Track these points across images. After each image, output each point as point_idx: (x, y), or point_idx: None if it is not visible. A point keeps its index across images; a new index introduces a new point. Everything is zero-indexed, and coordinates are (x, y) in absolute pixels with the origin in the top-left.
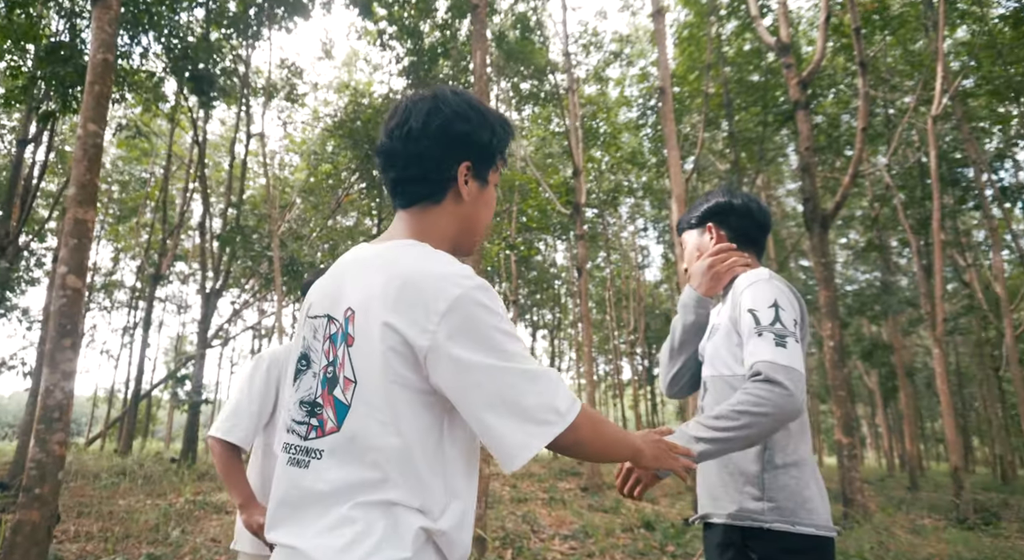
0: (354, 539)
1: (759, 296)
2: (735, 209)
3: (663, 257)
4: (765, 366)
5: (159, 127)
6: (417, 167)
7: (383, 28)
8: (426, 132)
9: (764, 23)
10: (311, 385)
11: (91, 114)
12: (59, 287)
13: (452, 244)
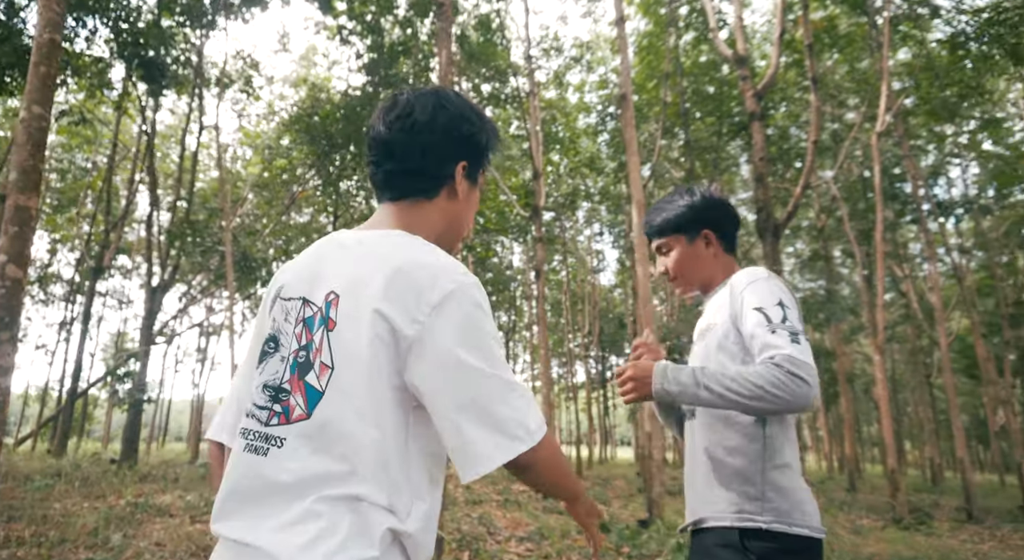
0: (317, 536)
1: (764, 294)
2: (730, 213)
3: (618, 262)
4: (785, 359)
5: (104, 114)
6: (418, 160)
7: (343, 23)
8: (432, 126)
9: (721, 36)
10: (277, 369)
11: (36, 96)
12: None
13: (438, 241)
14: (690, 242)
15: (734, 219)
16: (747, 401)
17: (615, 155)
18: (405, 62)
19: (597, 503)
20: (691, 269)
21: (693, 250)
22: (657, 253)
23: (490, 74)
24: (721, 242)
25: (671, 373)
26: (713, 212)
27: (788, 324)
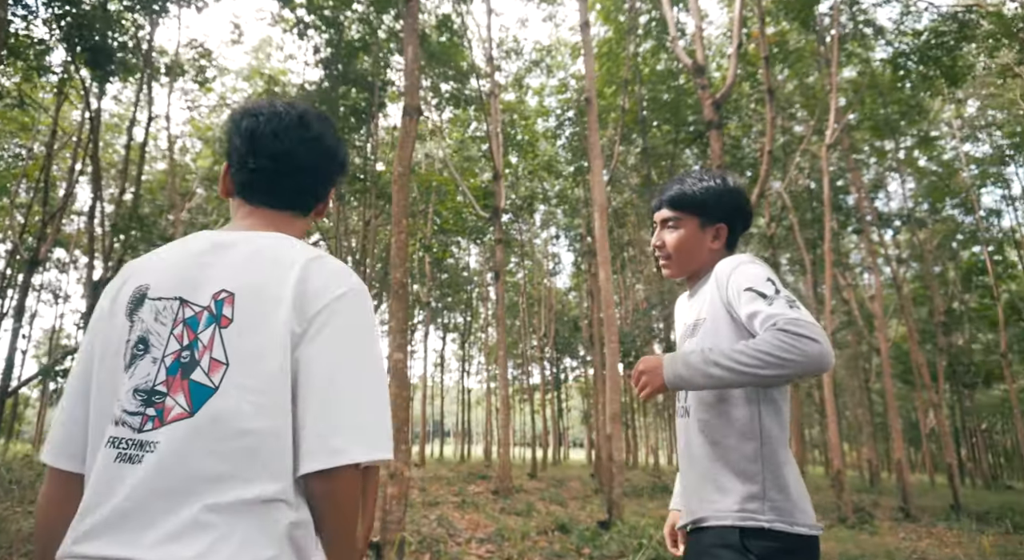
0: (210, 546)
1: (751, 275)
2: (747, 216)
3: (574, 265)
4: (789, 322)
5: (42, 100)
6: (311, 179)
7: (301, 16)
8: (334, 154)
9: (680, 45)
10: (149, 372)
11: None
12: None
13: None
14: (701, 228)
15: (747, 220)
16: (761, 371)
17: (574, 159)
18: (364, 59)
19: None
20: (690, 254)
21: (701, 237)
22: (660, 225)
23: (451, 74)
24: (728, 239)
25: (680, 358)
26: (735, 207)
27: (783, 294)
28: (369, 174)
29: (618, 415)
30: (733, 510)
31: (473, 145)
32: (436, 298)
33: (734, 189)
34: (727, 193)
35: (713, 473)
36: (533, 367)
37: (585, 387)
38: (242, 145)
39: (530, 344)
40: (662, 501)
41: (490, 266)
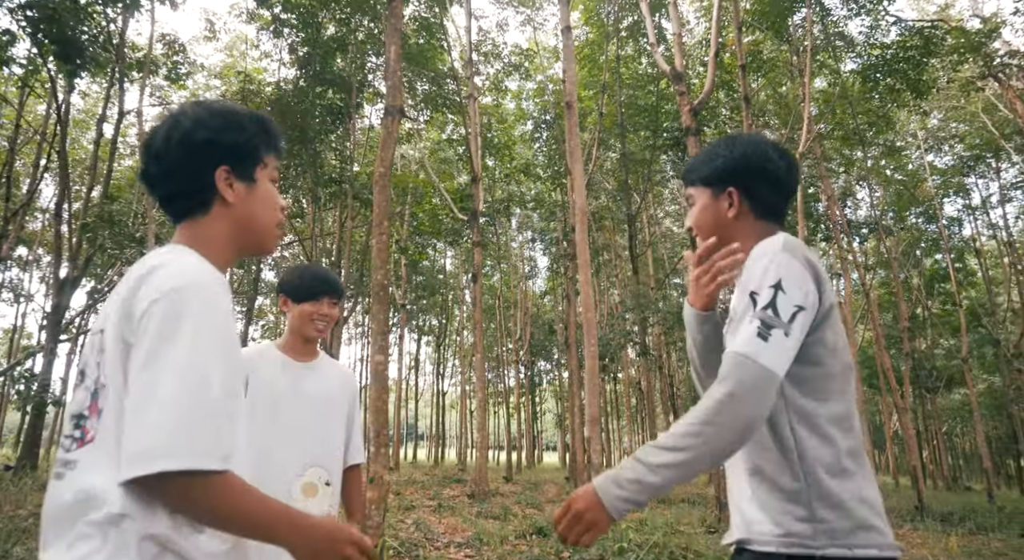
0: (87, 554)
1: (762, 273)
2: (768, 175)
3: (549, 269)
4: (728, 359)
5: (5, 92)
6: (172, 184)
7: (277, 14)
8: (168, 149)
9: (659, 50)
10: (82, 398)
11: None
12: None
13: (237, 246)
14: (714, 197)
15: (774, 180)
16: (697, 454)
17: (551, 162)
18: (341, 59)
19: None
20: (709, 230)
21: (715, 207)
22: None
23: (429, 76)
24: (749, 204)
25: (611, 479)
26: (743, 165)
27: (768, 313)
28: (345, 176)
29: (597, 418)
30: (777, 535)
31: (450, 147)
32: (411, 300)
33: (740, 143)
34: (731, 149)
35: (752, 488)
36: (508, 370)
37: (559, 390)
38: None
39: (505, 347)
40: None
41: (466, 269)
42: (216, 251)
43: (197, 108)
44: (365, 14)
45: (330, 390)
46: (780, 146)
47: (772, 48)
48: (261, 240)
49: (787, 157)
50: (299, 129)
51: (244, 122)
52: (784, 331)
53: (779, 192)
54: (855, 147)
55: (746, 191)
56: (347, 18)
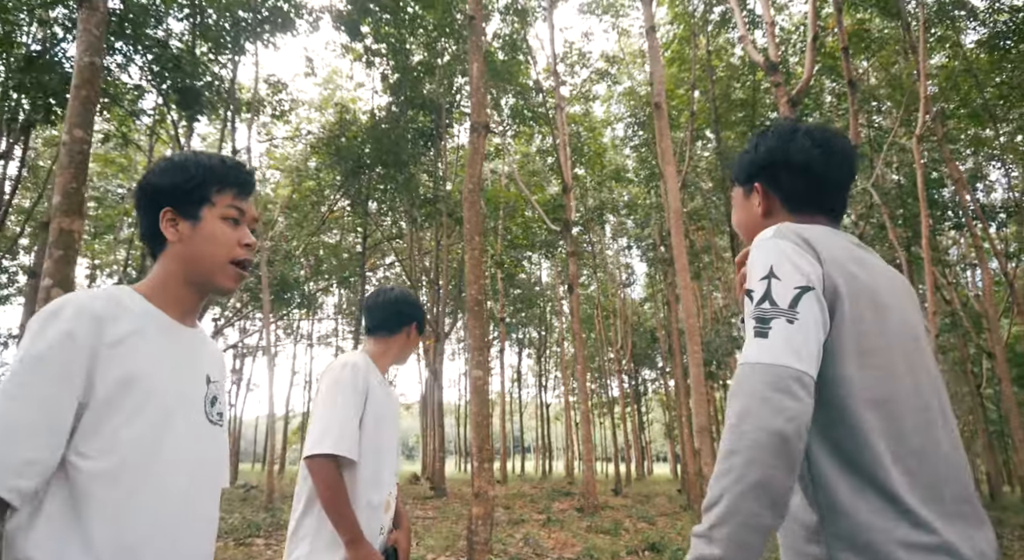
0: None
1: (753, 266)
2: (793, 162)
3: (647, 275)
4: (736, 380)
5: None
6: (142, 229)
7: (368, 45)
8: (135, 197)
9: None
10: None
11: (77, 120)
12: (43, 301)
13: (189, 282)
14: (745, 196)
15: (802, 168)
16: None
17: (644, 166)
18: (429, 82)
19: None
20: (744, 229)
21: (746, 206)
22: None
23: (515, 91)
24: (780, 199)
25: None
26: (764, 157)
27: (764, 306)
28: (439, 194)
29: (706, 428)
30: None
31: (538, 159)
32: (510, 314)
33: (767, 135)
34: (758, 142)
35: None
36: (611, 380)
37: (666, 399)
38: None
39: (607, 357)
40: None
41: (562, 280)
42: (169, 287)
43: (160, 160)
44: (449, 37)
45: (397, 409)
46: (824, 130)
47: (882, 26)
48: (210, 277)
49: (827, 142)
50: (393, 153)
51: (189, 166)
52: (786, 318)
53: (811, 181)
54: (985, 124)
55: (773, 184)
56: (433, 42)
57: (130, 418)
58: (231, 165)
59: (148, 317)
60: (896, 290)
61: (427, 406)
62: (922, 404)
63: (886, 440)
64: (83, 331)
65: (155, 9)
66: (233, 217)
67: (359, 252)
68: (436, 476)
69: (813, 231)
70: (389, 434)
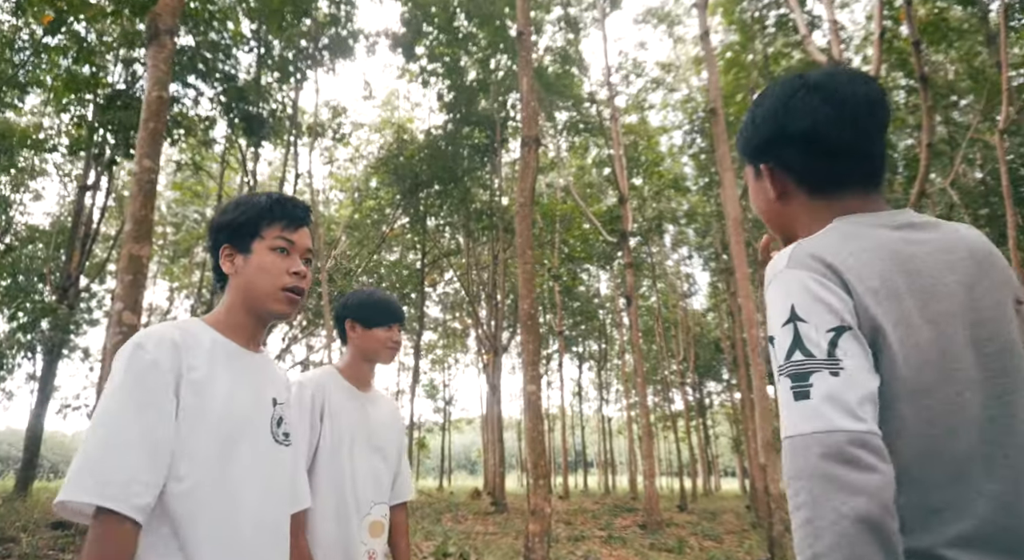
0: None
1: (772, 307)
2: (790, 135)
3: (710, 284)
4: (784, 452)
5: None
6: (212, 265)
7: (424, 66)
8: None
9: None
10: None
11: (146, 150)
12: (115, 323)
13: (247, 310)
14: (756, 178)
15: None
16: None
17: (703, 173)
18: (483, 99)
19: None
20: (763, 216)
21: (759, 188)
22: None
23: (567, 105)
24: (794, 180)
25: None
26: (767, 133)
27: (795, 358)
28: (495, 209)
29: (771, 443)
30: None
31: (594, 171)
32: (569, 327)
33: (759, 99)
34: (750, 111)
35: None
36: (675, 392)
37: (733, 412)
38: None
39: (670, 369)
40: None
41: (620, 291)
42: (232, 316)
43: (224, 203)
44: (503, 52)
45: (387, 421)
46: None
47: (959, 16)
48: (263, 304)
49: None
50: (449, 169)
51: (241, 205)
52: (828, 370)
53: (824, 151)
54: None
55: (780, 162)
56: (486, 59)
57: (205, 440)
58: (277, 200)
59: (217, 345)
60: (961, 276)
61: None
62: (994, 442)
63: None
64: (166, 359)
65: (224, 44)
66: (282, 247)
67: (418, 269)
68: (497, 491)
69: (832, 241)
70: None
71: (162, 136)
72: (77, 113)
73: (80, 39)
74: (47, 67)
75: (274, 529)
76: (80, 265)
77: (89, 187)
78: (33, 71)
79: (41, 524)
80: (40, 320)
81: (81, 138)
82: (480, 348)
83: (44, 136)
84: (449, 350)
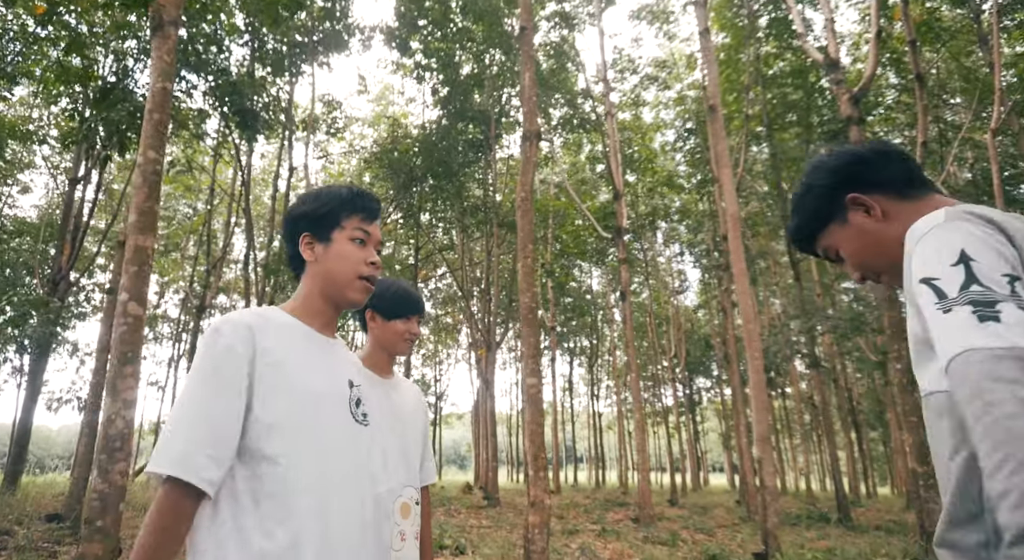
0: None
1: (933, 252)
2: (868, 155)
3: (701, 281)
4: (958, 368)
5: (201, 162)
6: (287, 253)
7: (419, 61)
8: (282, 226)
9: (809, 39)
10: None
11: (150, 142)
12: (120, 315)
13: (325, 297)
14: (843, 225)
15: (884, 157)
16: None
17: (695, 171)
18: (478, 94)
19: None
20: (870, 251)
21: (854, 231)
22: (828, 260)
23: (564, 100)
24: (882, 193)
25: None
26: (846, 169)
27: (974, 289)
28: (489, 205)
29: (766, 437)
30: None
31: (588, 167)
32: (561, 323)
33: (825, 165)
34: (822, 178)
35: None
36: (665, 388)
37: (722, 408)
38: None
39: (660, 365)
40: (820, 531)
41: (613, 288)
42: (309, 302)
43: (301, 194)
44: (498, 47)
45: (409, 407)
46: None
47: (952, 15)
48: (341, 291)
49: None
50: (444, 164)
51: (321, 194)
52: (1016, 303)
53: (898, 162)
54: None
55: (868, 185)
56: (481, 54)
57: (291, 415)
58: (358, 193)
59: (292, 328)
60: None
61: (479, 416)
62: None
63: None
64: (240, 343)
65: (218, 37)
66: (360, 238)
67: (411, 264)
68: (489, 485)
69: (980, 208)
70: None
71: (167, 127)
72: (69, 106)
73: (71, 30)
74: (37, 58)
75: (360, 507)
76: (71, 259)
77: (79, 180)
78: (23, 62)
79: (34, 517)
80: (29, 314)
81: (73, 131)
82: (472, 343)
83: (34, 128)
84: (441, 345)
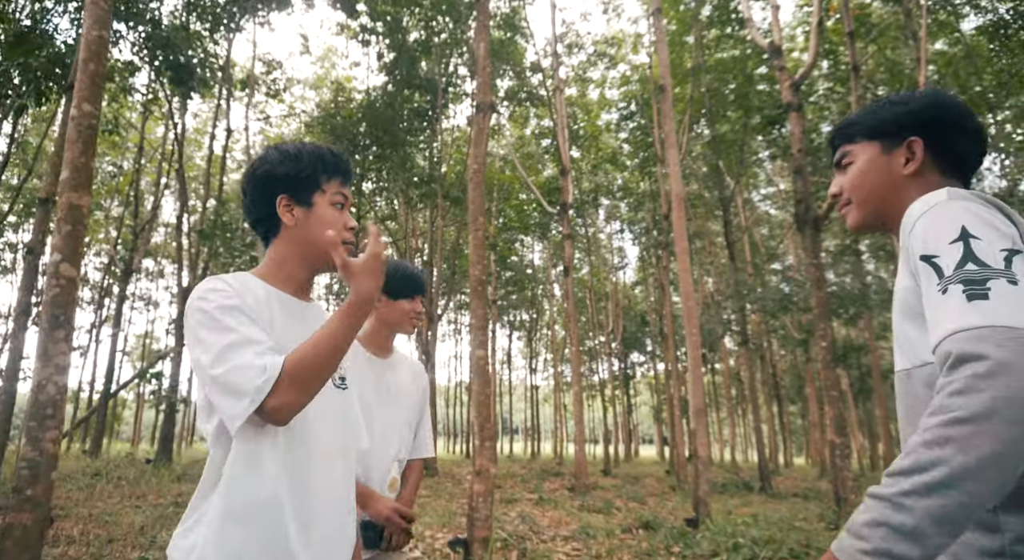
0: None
1: (933, 230)
2: (961, 117)
3: (639, 259)
4: (952, 343)
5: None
6: (250, 214)
7: (364, 23)
8: (247, 184)
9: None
10: None
11: (86, 94)
12: (52, 276)
13: (305, 263)
14: (885, 151)
15: (974, 136)
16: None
17: (638, 151)
18: (426, 61)
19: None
20: (868, 190)
21: (885, 163)
22: (836, 171)
23: (514, 71)
24: (933, 158)
25: (852, 532)
26: (933, 114)
27: (969, 267)
28: (435, 175)
29: (702, 409)
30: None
31: (535, 141)
32: (502, 296)
33: (929, 93)
34: (916, 99)
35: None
36: (601, 363)
37: (655, 382)
38: None
39: (597, 340)
40: (744, 499)
41: (554, 263)
42: (287, 268)
43: (270, 150)
44: (447, 15)
45: (407, 385)
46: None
47: (883, 11)
48: (324, 257)
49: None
50: (389, 132)
51: (302, 155)
52: (1007, 279)
53: (977, 144)
54: (981, 112)
55: (938, 142)
56: (430, 21)
57: None
58: (338, 155)
59: (269, 293)
60: None
61: None
62: None
63: None
64: (235, 297)
65: None
66: (339, 202)
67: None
68: None
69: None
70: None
71: (103, 78)
72: None
73: None
74: None
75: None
76: None
77: None
78: None
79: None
80: None
81: None
82: None
83: None
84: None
